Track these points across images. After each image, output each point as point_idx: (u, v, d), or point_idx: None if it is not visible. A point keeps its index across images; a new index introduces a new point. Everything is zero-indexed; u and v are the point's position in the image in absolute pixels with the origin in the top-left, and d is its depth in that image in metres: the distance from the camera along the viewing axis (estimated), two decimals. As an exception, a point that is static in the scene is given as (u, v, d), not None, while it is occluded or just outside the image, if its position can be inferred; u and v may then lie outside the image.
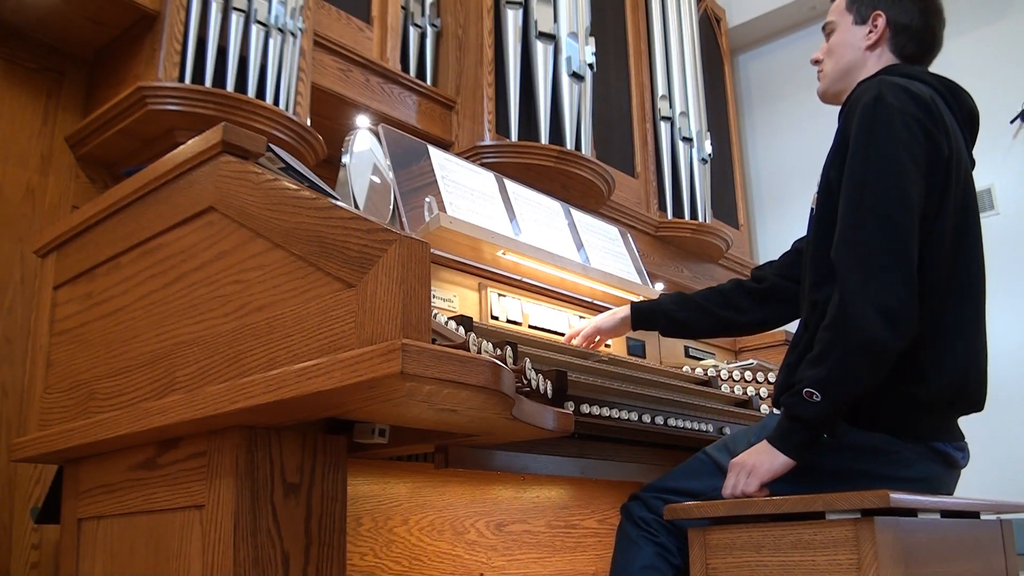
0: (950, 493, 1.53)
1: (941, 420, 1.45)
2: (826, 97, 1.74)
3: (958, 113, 1.58)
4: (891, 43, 1.64)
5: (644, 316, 1.94)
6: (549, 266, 2.06)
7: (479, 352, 1.32)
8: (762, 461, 1.39)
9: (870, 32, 1.64)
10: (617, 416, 1.59)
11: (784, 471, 1.37)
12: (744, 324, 1.90)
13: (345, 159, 1.92)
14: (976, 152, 1.67)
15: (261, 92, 2.47)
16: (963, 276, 1.49)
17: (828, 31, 1.74)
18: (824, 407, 1.32)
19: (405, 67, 3.25)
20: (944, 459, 1.45)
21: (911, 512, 1.32)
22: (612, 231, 2.60)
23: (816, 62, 1.75)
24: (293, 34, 2.56)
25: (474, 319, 1.65)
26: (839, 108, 1.63)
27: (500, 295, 1.98)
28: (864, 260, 1.35)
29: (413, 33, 3.33)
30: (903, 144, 1.40)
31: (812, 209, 1.60)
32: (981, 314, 1.53)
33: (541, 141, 3.24)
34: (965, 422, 1.52)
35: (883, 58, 1.64)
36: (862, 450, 1.41)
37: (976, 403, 1.52)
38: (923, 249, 1.41)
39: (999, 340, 4.23)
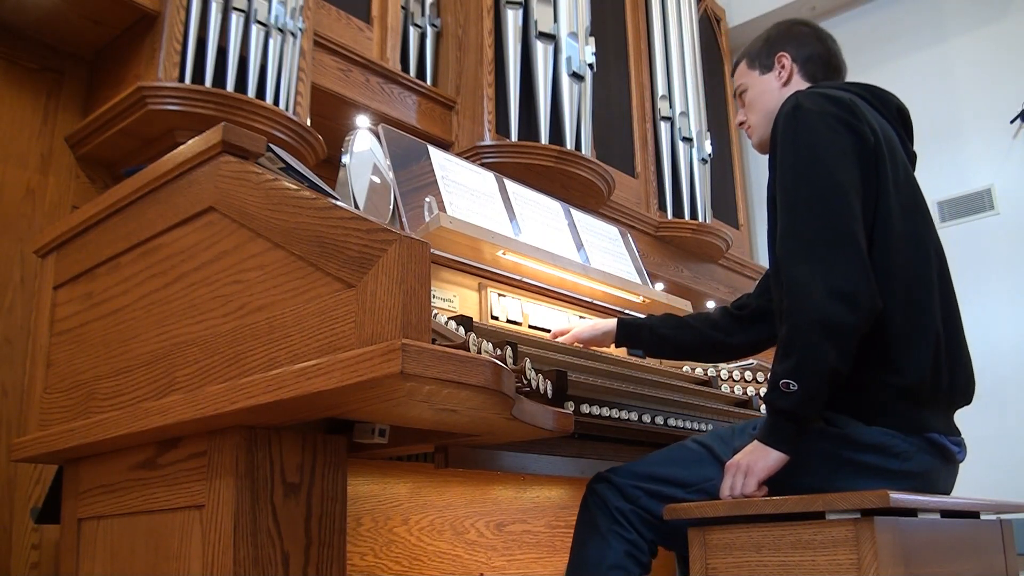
0: (948, 489, 1.53)
1: (933, 410, 1.45)
2: (763, 146, 1.74)
3: (884, 111, 1.62)
4: (802, 74, 1.70)
5: (629, 331, 1.93)
6: (549, 266, 2.06)
7: (479, 352, 1.32)
8: (756, 459, 1.39)
9: (780, 72, 1.71)
10: (617, 416, 1.59)
11: (779, 466, 1.38)
12: (734, 346, 1.91)
13: (345, 159, 1.92)
14: (976, 152, 1.68)
15: (261, 92, 2.47)
16: (916, 256, 1.49)
17: (740, 94, 1.79)
18: (802, 394, 1.34)
19: (405, 67, 3.25)
20: (941, 452, 1.45)
21: (911, 512, 1.32)
22: (612, 231, 2.60)
23: (741, 124, 1.80)
24: (293, 34, 2.56)
25: (474, 319, 1.65)
26: None
27: (500, 295, 1.98)
28: (807, 248, 1.37)
29: (413, 33, 3.33)
30: (826, 137, 1.44)
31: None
32: (949, 294, 1.53)
33: (541, 141, 3.25)
34: (965, 423, 1.52)
35: (800, 88, 1.67)
36: (861, 444, 1.41)
37: (963, 389, 1.51)
38: (872, 232, 1.44)
39: (1000, 340, 4.27)
